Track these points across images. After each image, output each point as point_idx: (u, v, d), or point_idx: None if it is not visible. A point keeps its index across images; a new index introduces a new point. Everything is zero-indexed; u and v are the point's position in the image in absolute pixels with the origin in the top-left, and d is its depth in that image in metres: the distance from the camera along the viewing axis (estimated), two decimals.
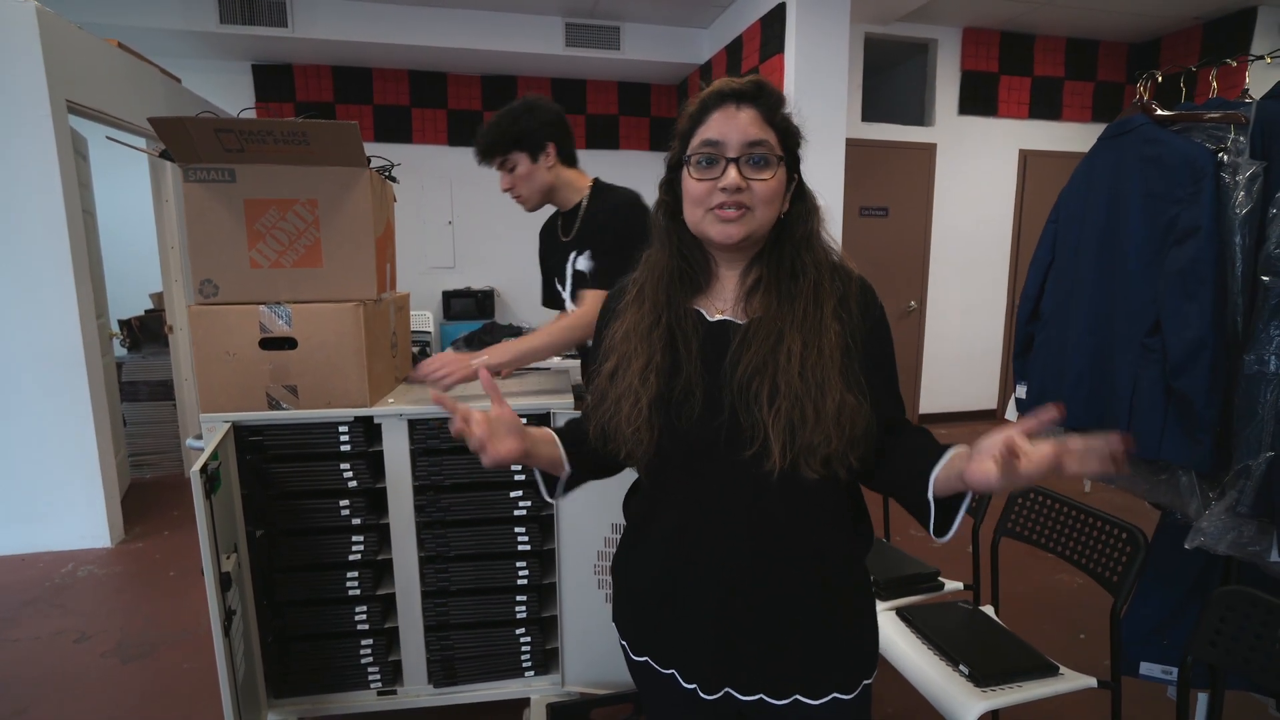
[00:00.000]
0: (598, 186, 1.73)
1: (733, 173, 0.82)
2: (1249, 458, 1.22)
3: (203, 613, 2.38)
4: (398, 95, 5.10)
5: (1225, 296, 1.28)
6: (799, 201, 0.89)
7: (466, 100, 5.22)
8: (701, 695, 0.90)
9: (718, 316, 0.90)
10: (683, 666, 0.92)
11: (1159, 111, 1.50)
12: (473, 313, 5.13)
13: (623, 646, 1.01)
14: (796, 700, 0.89)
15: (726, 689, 0.90)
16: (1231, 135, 1.32)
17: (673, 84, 5.54)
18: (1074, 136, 5.06)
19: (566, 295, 1.79)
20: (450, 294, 5.16)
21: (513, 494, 1.68)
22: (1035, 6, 4.40)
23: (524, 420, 1.62)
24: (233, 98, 4.69)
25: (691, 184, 0.85)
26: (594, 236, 1.67)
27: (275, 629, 1.64)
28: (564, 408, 1.65)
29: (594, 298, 1.62)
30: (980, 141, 4.93)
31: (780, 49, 3.89)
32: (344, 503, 1.62)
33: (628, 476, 1.00)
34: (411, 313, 5.17)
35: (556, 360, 3.69)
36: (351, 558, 1.65)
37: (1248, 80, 1.59)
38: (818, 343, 0.83)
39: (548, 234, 1.88)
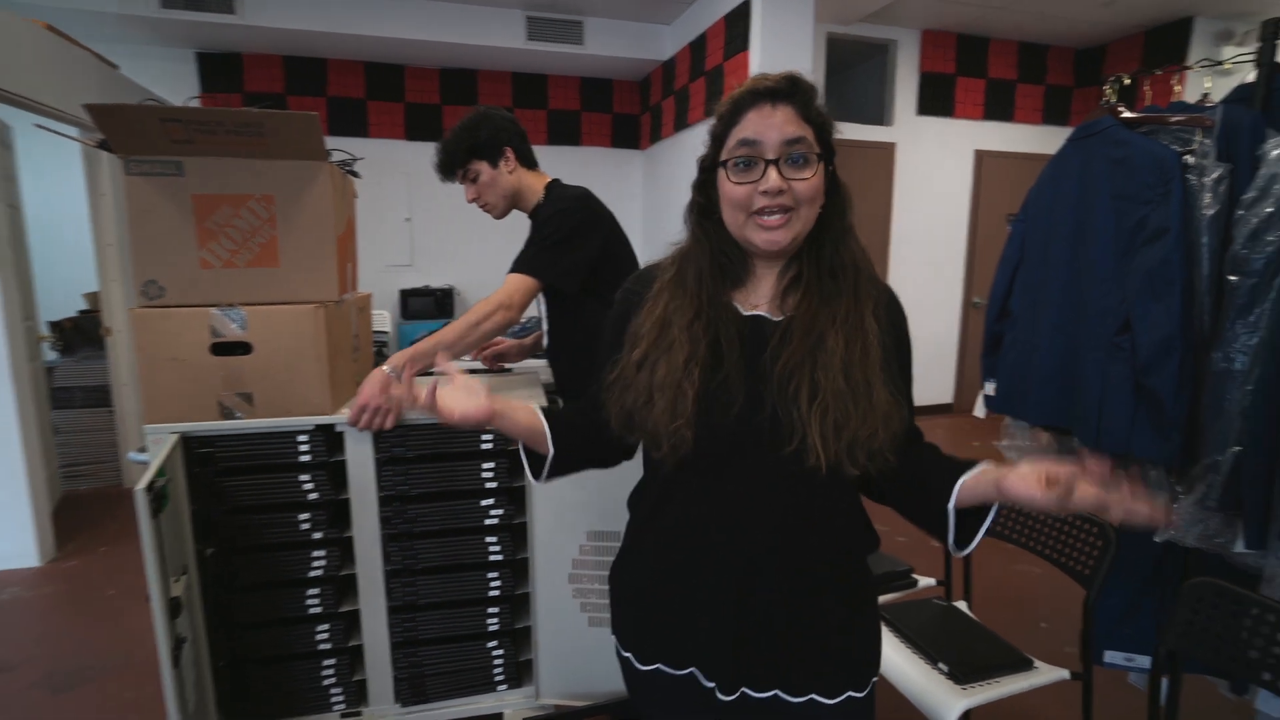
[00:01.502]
0: (550, 186, 1.74)
1: (774, 175, 0.80)
2: (1217, 453, 1.25)
3: (147, 636, 2.23)
4: (353, 88, 4.93)
5: (1193, 296, 1.31)
6: (834, 194, 0.87)
7: (425, 94, 5.08)
8: (719, 696, 0.88)
9: (751, 311, 0.89)
10: (702, 664, 0.90)
11: (1125, 114, 1.53)
12: (432, 312, 5.00)
13: (626, 659, 0.98)
14: (812, 699, 0.88)
15: (743, 689, 0.88)
16: (1198, 138, 1.34)
17: (635, 80, 5.50)
18: (1026, 138, 5.21)
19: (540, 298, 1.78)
20: (408, 292, 5.02)
21: (484, 502, 1.62)
22: (989, 10, 4.51)
23: None
24: (176, 87, 4.46)
25: (730, 188, 0.83)
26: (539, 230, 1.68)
27: (229, 653, 1.54)
28: None
29: (513, 280, 1.60)
30: (938, 141, 5.04)
31: (745, 47, 3.89)
32: (304, 516, 1.54)
33: (595, 480, 0.97)
34: None
35: (529, 361, 3.62)
36: (312, 574, 1.56)
37: (1182, 88, 1.62)
38: (861, 342, 0.82)
39: None
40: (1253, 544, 1.18)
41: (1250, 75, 1.44)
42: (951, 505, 0.82)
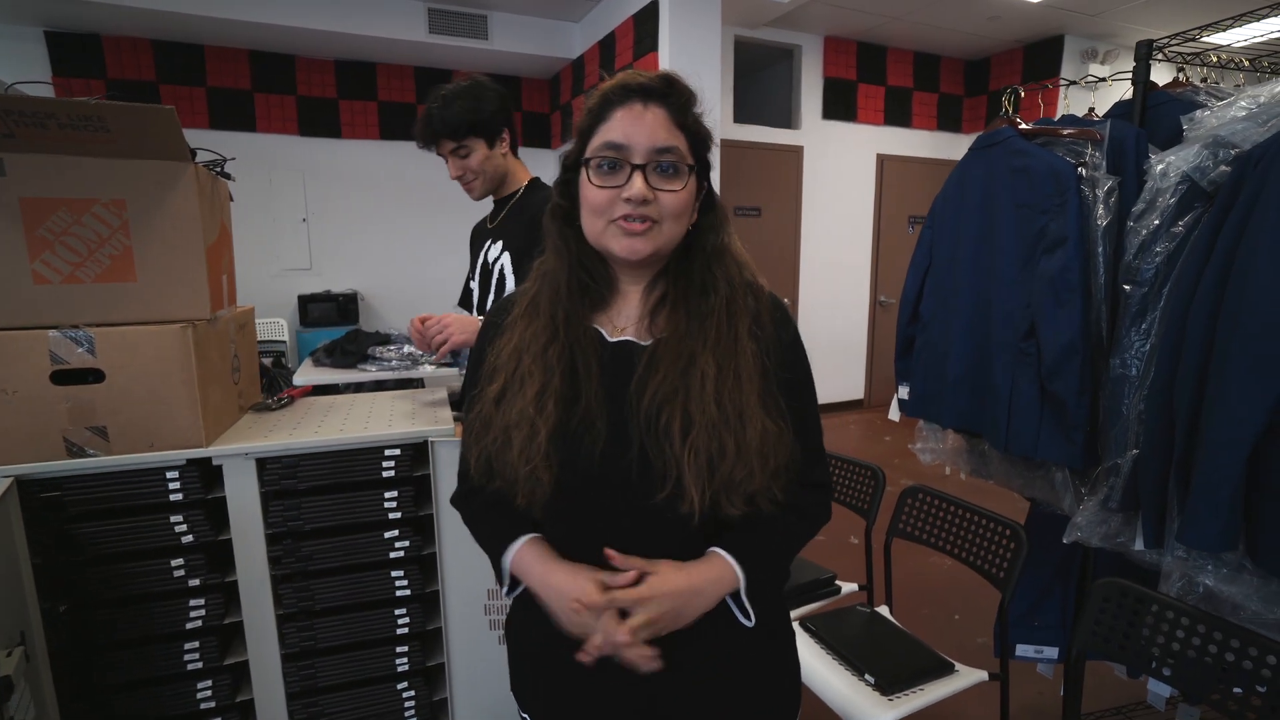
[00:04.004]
0: (534, 184, 1.66)
1: (638, 182, 0.73)
2: (1117, 456, 1.30)
3: None
4: (236, 78, 4.55)
5: (1091, 303, 1.36)
6: (709, 211, 0.81)
7: (319, 87, 4.76)
8: None
9: (619, 336, 0.80)
10: None
11: (1022, 125, 1.58)
12: (334, 319, 4.69)
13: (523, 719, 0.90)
14: None
15: None
16: (1089, 151, 1.40)
17: (544, 78, 5.38)
18: (923, 143, 5.47)
19: (475, 284, 1.71)
20: (307, 298, 4.69)
21: (387, 534, 1.49)
22: (886, 20, 4.68)
23: (397, 450, 1.46)
24: (21, 70, 3.96)
25: (591, 191, 0.75)
26: (522, 232, 1.57)
27: None
28: (444, 435, 1.49)
29: None
30: (842, 145, 5.20)
31: (654, 47, 3.86)
32: (177, 561, 1.36)
33: None
34: (264, 321, 4.68)
35: (428, 369, 3.45)
36: (190, 625, 1.38)
37: (1045, 104, 1.69)
38: (734, 366, 0.75)
39: (478, 227, 1.79)
40: (1150, 543, 1.24)
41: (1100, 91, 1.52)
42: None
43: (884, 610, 1.71)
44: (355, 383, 3.42)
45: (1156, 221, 1.24)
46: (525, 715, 0.88)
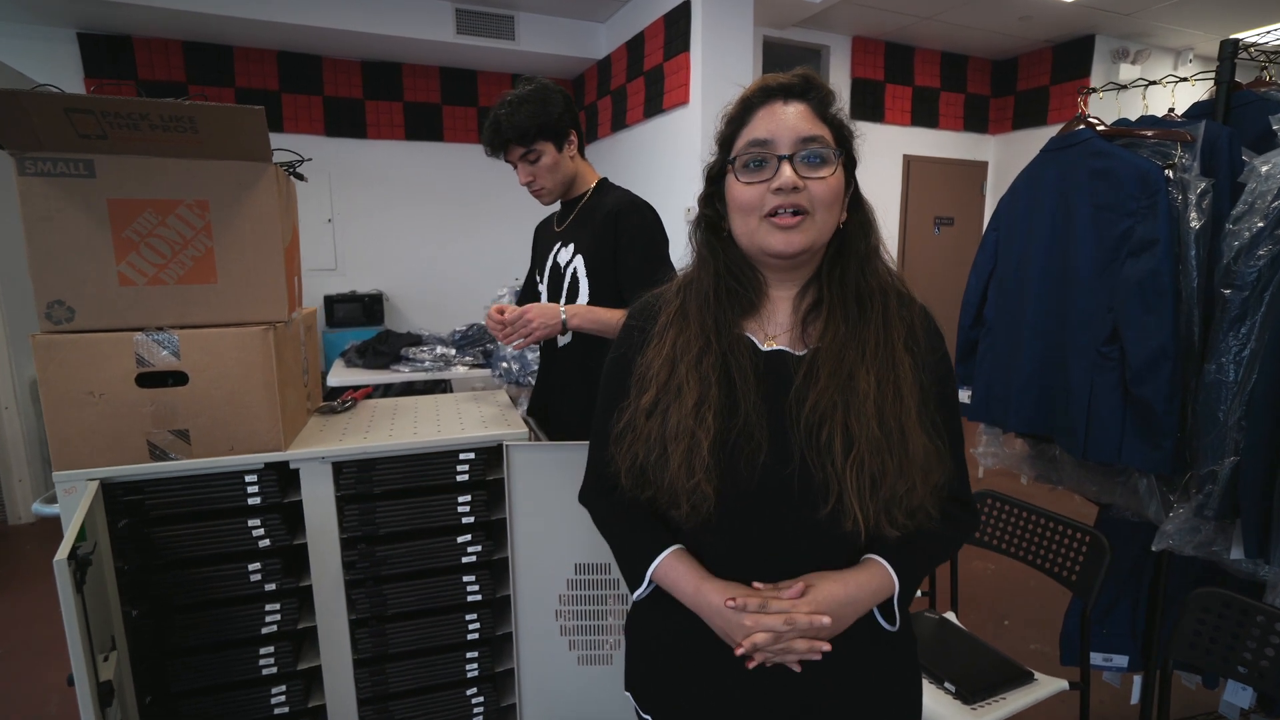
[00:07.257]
0: (602, 184, 1.64)
1: (787, 170, 0.73)
2: (1213, 463, 1.27)
3: (44, 702, 1.94)
4: (264, 79, 4.55)
5: (1181, 307, 1.33)
6: (856, 211, 0.80)
7: (345, 87, 4.76)
8: None
9: (771, 345, 0.79)
10: None
11: (1100, 126, 1.55)
12: (360, 319, 4.70)
13: None
14: None
15: None
16: (1178, 153, 1.37)
17: (569, 79, 5.37)
18: (949, 144, 5.43)
19: (544, 287, 1.67)
20: (333, 299, 4.69)
21: (460, 539, 1.48)
22: (914, 20, 4.65)
23: (471, 454, 1.45)
24: (54, 72, 3.97)
25: (740, 189, 0.76)
26: (595, 233, 1.55)
27: None
28: (517, 438, 1.47)
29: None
30: (869, 145, 5.13)
31: (685, 47, 3.84)
32: (254, 566, 1.34)
33: (581, 511, 0.91)
34: None
35: (459, 371, 3.43)
36: (265, 630, 1.37)
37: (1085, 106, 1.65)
38: (893, 380, 0.73)
39: (543, 228, 1.76)
40: (1252, 553, 1.22)
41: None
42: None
43: (951, 617, 1.69)
44: (384, 384, 3.41)
45: (1260, 224, 1.22)
46: (647, 716, 0.87)
